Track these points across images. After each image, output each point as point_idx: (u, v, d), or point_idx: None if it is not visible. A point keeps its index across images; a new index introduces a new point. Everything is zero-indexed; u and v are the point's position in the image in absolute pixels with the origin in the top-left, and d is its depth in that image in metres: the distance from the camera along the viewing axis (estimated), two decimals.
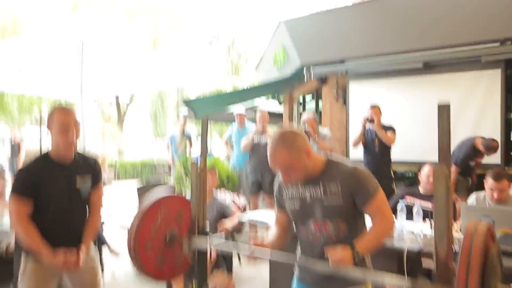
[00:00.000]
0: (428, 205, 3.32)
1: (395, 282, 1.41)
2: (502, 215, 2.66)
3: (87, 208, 2.40)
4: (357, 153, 5.32)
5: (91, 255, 2.40)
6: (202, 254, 1.94)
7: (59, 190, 2.21)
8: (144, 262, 1.87)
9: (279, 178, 1.88)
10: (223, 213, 3.81)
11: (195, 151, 7.71)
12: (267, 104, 10.81)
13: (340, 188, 1.72)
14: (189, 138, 7.66)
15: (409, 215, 3.09)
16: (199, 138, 3.52)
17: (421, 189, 3.60)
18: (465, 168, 4.74)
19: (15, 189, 2.15)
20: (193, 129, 12.47)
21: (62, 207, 2.23)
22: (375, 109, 4.82)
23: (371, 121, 4.73)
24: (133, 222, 1.87)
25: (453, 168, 4.55)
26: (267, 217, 3.54)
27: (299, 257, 1.89)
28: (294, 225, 1.89)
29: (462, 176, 4.76)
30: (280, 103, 10.04)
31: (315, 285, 1.87)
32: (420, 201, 3.46)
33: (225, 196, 3.98)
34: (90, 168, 2.36)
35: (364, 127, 4.84)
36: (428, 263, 2.82)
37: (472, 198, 3.32)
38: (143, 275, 1.88)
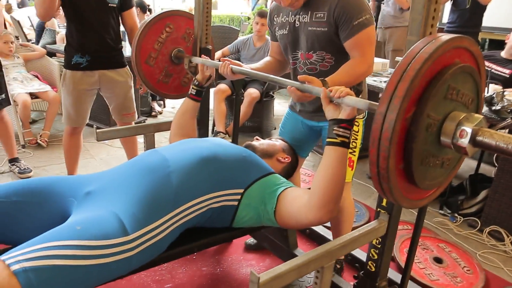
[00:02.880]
0: (505, 71, 2.87)
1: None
2: None
3: (119, 29, 2.46)
4: None
5: (125, 71, 2.53)
6: None
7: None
8: (145, 73, 1.91)
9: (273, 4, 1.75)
10: None
11: None
12: None
13: (326, 12, 1.55)
14: None
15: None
16: None
17: (503, 53, 3.05)
18: None
19: None
20: None
21: (91, 17, 2.27)
22: None
23: None
24: (137, 32, 1.86)
25: None
26: None
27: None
28: (285, 55, 1.78)
29: None
30: None
31: (300, 114, 1.85)
32: (497, 66, 2.98)
33: None
34: None
35: None
36: None
37: None
38: (147, 86, 1.94)
